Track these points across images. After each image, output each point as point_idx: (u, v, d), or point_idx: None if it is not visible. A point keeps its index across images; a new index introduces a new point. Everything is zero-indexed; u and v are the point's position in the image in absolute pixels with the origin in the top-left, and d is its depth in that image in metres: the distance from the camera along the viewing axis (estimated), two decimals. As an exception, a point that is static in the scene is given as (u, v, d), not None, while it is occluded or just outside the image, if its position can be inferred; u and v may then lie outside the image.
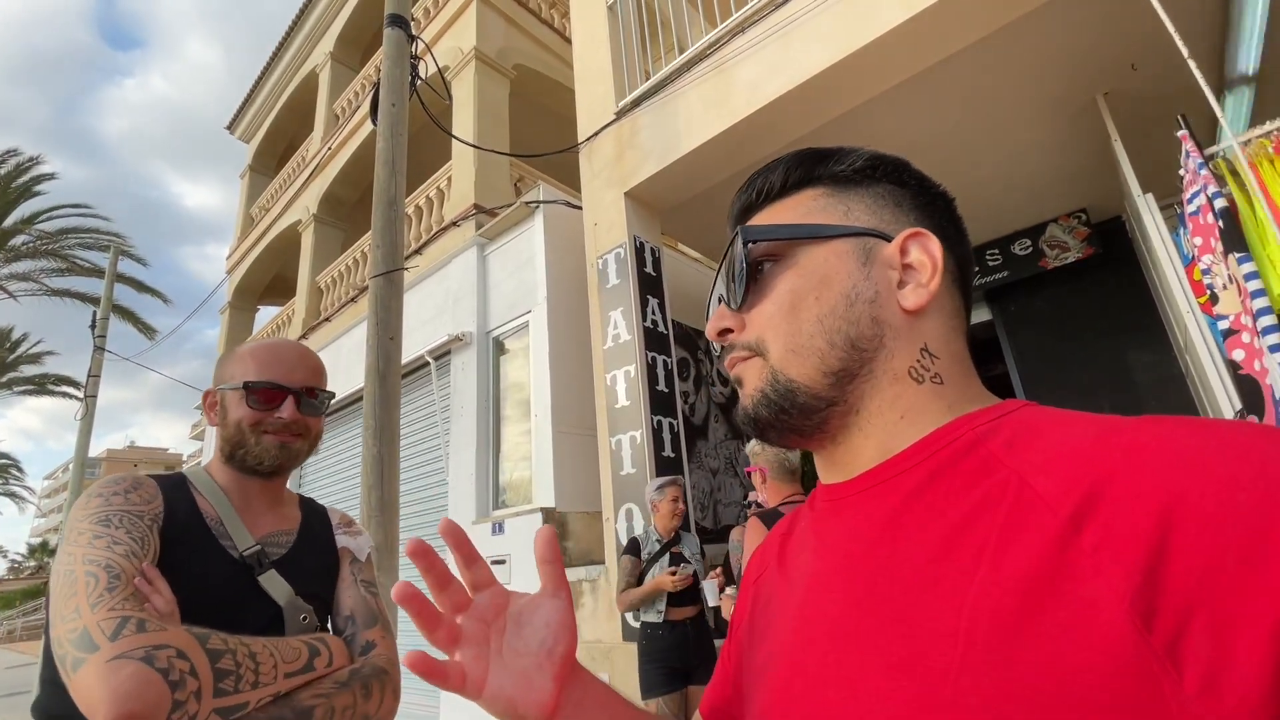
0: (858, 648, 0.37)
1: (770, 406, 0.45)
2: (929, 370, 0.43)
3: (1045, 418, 0.38)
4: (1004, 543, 0.33)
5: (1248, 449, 0.29)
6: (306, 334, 7.67)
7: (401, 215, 3.19)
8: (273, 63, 10.30)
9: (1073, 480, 0.32)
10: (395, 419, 2.91)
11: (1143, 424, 0.33)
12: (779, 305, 0.45)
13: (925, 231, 0.45)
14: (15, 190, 12.25)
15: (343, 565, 1.00)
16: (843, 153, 0.49)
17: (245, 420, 0.92)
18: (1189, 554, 0.27)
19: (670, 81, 3.74)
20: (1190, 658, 0.26)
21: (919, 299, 0.43)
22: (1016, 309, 4.94)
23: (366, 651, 0.89)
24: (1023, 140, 3.79)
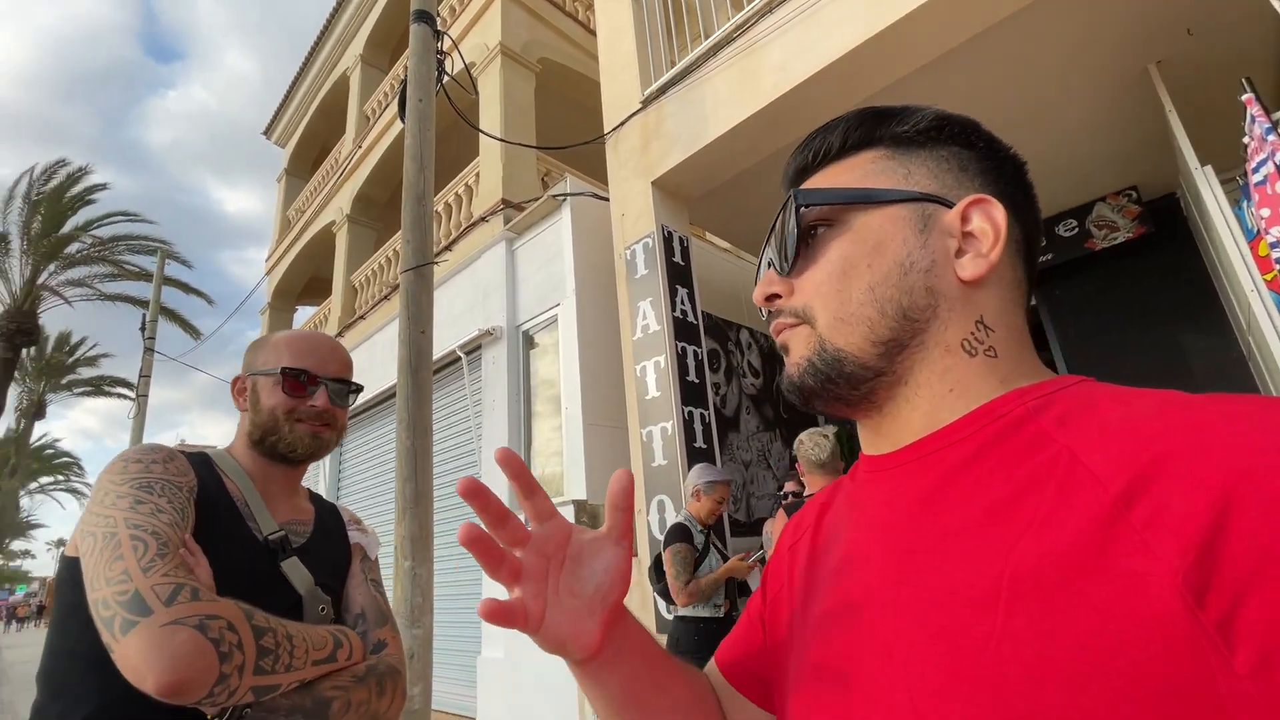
0: (896, 616, 0.37)
1: (817, 375, 0.43)
2: (983, 343, 0.41)
3: (1103, 393, 0.37)
4: (1049, 516, 0.32)
5: None
6: (342, 332, 7.84)
7: (430, 210, 3.21)
8: (305, 68, 10.54)
9: (1128, 457, 0.31)
10: (428, 412, 2.94)
11: (1209, 401, 0.32)
12: (829, 272, 0.44)
13: (989, 198, 0.43)
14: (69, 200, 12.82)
15: (354, 561, 0.99)
16: (907, 112, 0.47)
17: (280, 407, 0.91)
18: (1251, 533, 0.26)
19: (696, 67, 3.67)
20: (1244, 637, 0.25)
21: (977, 269, 0.41)
22: (1062, 293, 4.74)
23: (379, 650, 0.88)
24: (1068, 116, 3.62)
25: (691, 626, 2.62)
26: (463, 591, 5.06)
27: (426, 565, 2.68)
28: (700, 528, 2.72)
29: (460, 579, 5.13)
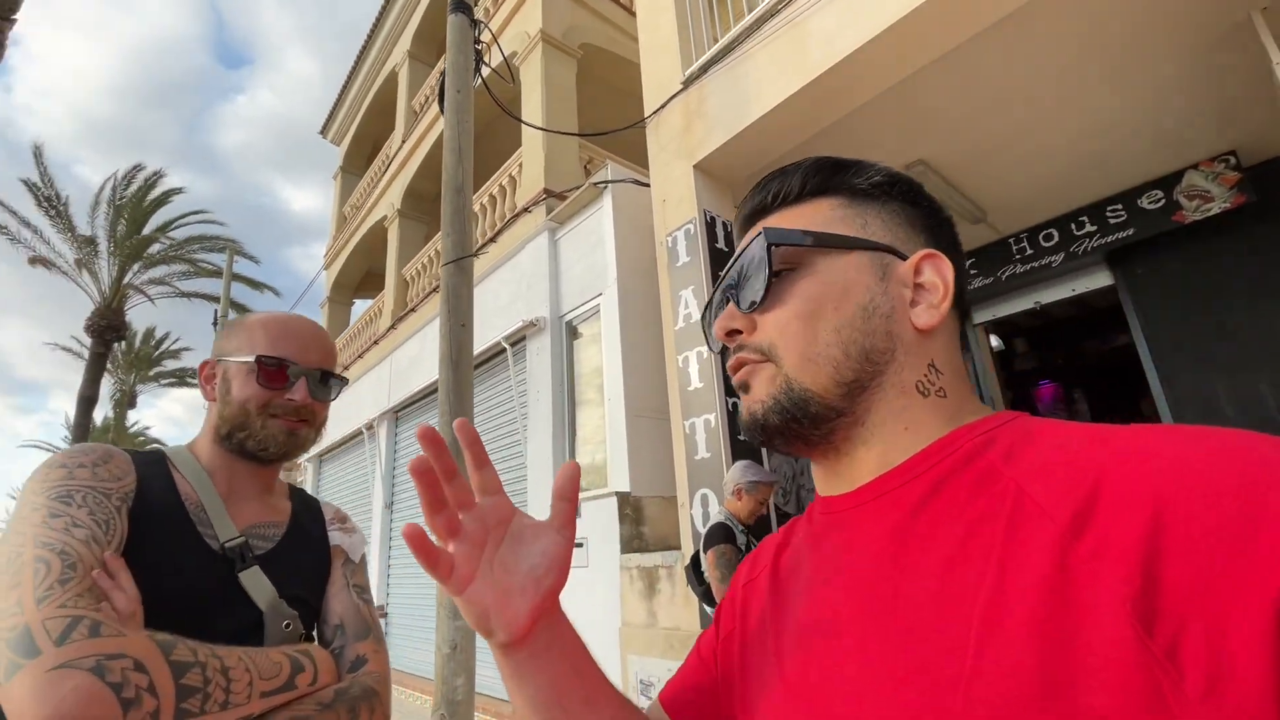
0: (863, 657, 0.37)
1: (782, 414, 0.44)
2: (934, 385, 0.44)
3: (1040, 427, 0.39)
4: (1008, 552, 0.33)
5: (1233, 455, 0.30)
6: (395, 324, 8.05)
7: (469, 202, 3.20)
8: (357, 66, 10.81)
9: (1068, 487, 0.33)
10: (469, 405, 2.94)
11: (1134, 431, 0.34)
12: (796, 312, 0.45)
13: (939, 254, 0.46)
14: (149, 204, 13.66)
15: (334, 566, 0.89)
16: (861, 165, 0.49)
17: (253, 400, 0.82)
18: (1182, 559, 0.28)
19: (738, 43, 3.51)
20: (1190, 661, 0.26)
21: (931, 319, 0.44)
22: (1145, 271, 4.34)
23: (356, 668, 0.79)
24: (1155, 73, 3.27)
25: None
26: (511, 579, 5.12)
27: (468, 558, 2.69)
28: (741, 527, 2.62)
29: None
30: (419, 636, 6.56)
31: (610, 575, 3.89)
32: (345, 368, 9.63)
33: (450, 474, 0.43)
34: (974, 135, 3.71)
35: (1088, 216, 4.49)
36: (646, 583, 3.63)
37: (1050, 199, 4.47)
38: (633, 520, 3.95)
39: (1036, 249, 4.76)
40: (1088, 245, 4.48)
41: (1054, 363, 6.94)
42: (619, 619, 3.77)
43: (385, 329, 8.32)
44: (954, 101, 3.40)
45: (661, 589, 3.54)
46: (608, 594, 3.88)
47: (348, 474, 9.27)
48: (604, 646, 3.83)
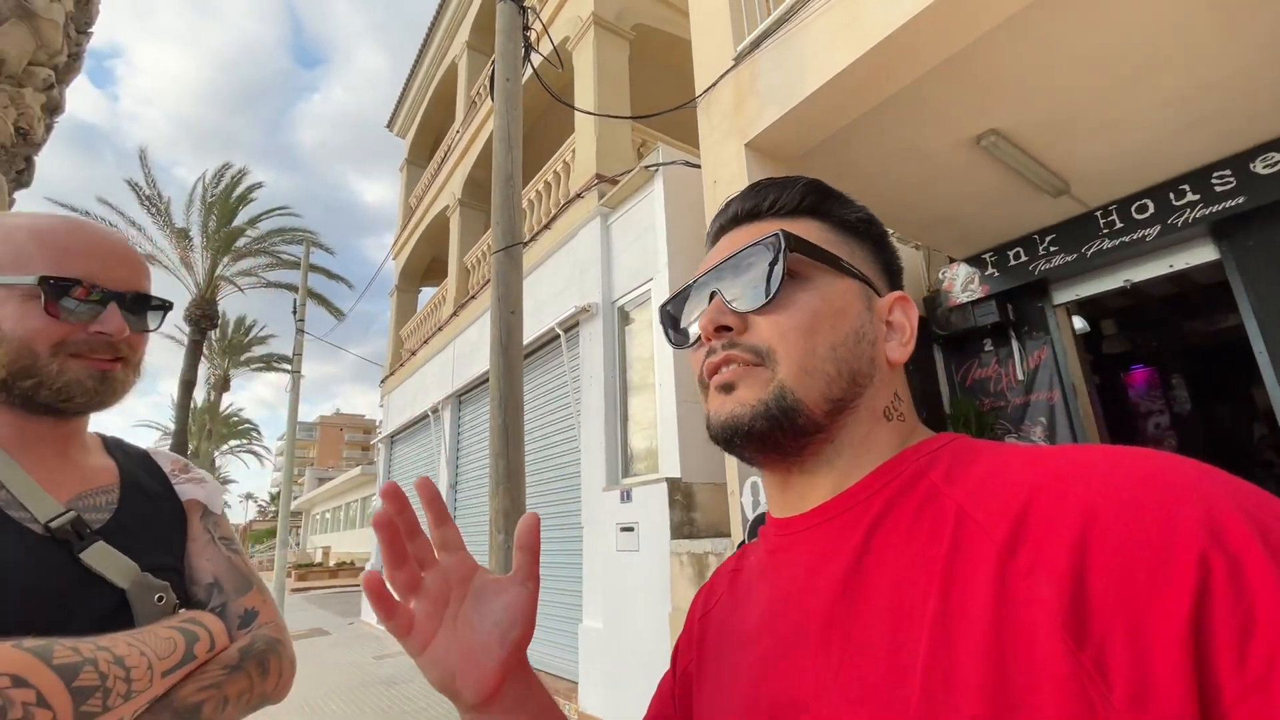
0: (817, 682, 0.37)
1: (770, 421, 0.43)
2: (897, 411, 0.47)
3: (977, 448, 0.41)
4: (951, 571, 0.34)
5: (1156, 475, 0.31)
6: (457, 311, 8.31)
7: (519, 190, 3.23)
8: (419, 60, 11.12)
9: (1003, 505, 0.35)
10: (519, 391, 2.99)
11: (1063, 452, 0.36)
12: (798, 322, 0.45)
13: (909, 299, 0.49)
14: (236, 200, 14.65)
15: (192, 521, 0.76)
16: (846, 198, 0.51)
17: (41, 336, 0.63)
18: (1106, 572, 0.29)
19: (792, 14, 3.35)
20: (1116, 672, 0.28)
21: (902, 355, 0.47)
22: (1257, 244, 3.89)
23: (247, 622, 0.71)
24: (1275, 15, 2.88)
25: None
26: (565, 560, 5.24)
27: (518, 540, 2.75)
28: None
29: (562, 548, 5.32)
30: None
31: (660, 560, 3.90)
32: (413, 352, 10.05)
33: (412, 530, 0.43)
34: (1055, 100, 3.40)
35: (1189, 185, 4.06)
36: (696, 569, 3.61)
37: (1145, 167, 4.06)
38: (683, 506, 3.93)
39: (1128, 222, 4.35)
40: (1189, 216, 4.06)
41: (1147, 346, 6.39)
42: (669, 604, 3.78)
43: (448, 316, 8.60)
44: (1031, 65, 3.13)
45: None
46: (658, 579, 3.90)
47: (417, 455, 9.71)
48: (654, 631, 3.86)
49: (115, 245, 0.70)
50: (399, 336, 11.21)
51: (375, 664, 7.23)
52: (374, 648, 8.33)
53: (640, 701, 3.70)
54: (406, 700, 5.52)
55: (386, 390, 11.39)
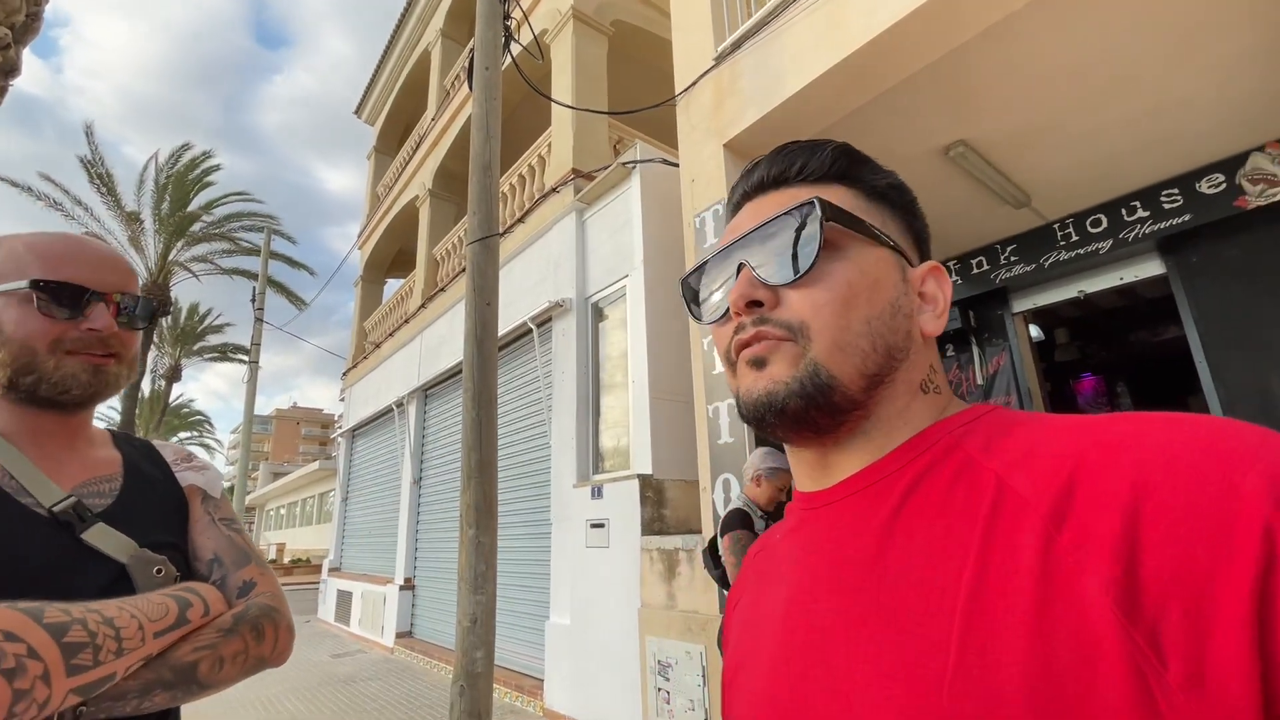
0: (848, 656, 0.37)
1: (805, 399, 0.42)
2: (933, 383, 0.45)
3: (1016, 417, 0.40)
4: (989, 543, 0.33)
5: (1213, 443, 0.30)
6: (425, 303, 8.16)
7: (496, 181, 3.19)
8: (390, 45, 10.87)
9: (1048, 476, 0.33)
10: (492, 383, 2.96)
11: (1113, 420, 0.34)
12: (834, 295, 0.43)
13: (942, 268, 0.47)
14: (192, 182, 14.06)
15: (193, 505, 0.83)
16: (875, 164, 0.49)
17: (38, 335, 0.70)
18: (1161, 545, 0.28)
19: (773, 17, 3.40)
20: (1172, 649, 0.26)
21: (937, 327, 0.46)
22: (1200, 259, 4.11)
23: (246, 592, 0.76)
24: (1225, 49, 3.06)
25: None
26: (533, 557, 5.20)
27: (490, 534, 2.72)
28: (761, 513, 2.59)
29: (530, 545, 5.27)
30: (443, 609, 6.72)
31: (631, 556, 3.90)
32: (377, 345, 9.83)
33: None
34: (1019, 115, 3.54)
35: (1140, 201, 4.27)
36: (666, 565, 3.63)
37: (1100, 183, 4.25)
38: (654, 503, 3.94)
39: (1083, 235, 4.55)
40: (1139, 231, 4.26)
41: (1096, 355, 6.68)
42: (638, 600, 3.79)
43: (416, 308, 8.43)
44: (998, 79, 3.24)
45: (681, 572, 3.54)
46: (628, 575, 3.90)
47: (379, 450, 9.50)
48: (623, 627, 3.86)
49: (104, 252, 0.77)
50: (363, 328, 10.95)
51: (333, 662, 7.04)
52: (332, 645, 8.12)
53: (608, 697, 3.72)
54: (365, 698, 5.39)
55: (348, 383, 11.11)
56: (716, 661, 2.73)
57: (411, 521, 7.70)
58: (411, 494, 7.75)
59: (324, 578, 10.61)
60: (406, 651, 6.97)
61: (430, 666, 6.37)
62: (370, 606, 8.26)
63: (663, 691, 3.46)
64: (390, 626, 7.49)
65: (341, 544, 10.52)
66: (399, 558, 7.74)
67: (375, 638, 7.89)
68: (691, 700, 3.28)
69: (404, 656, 7.01)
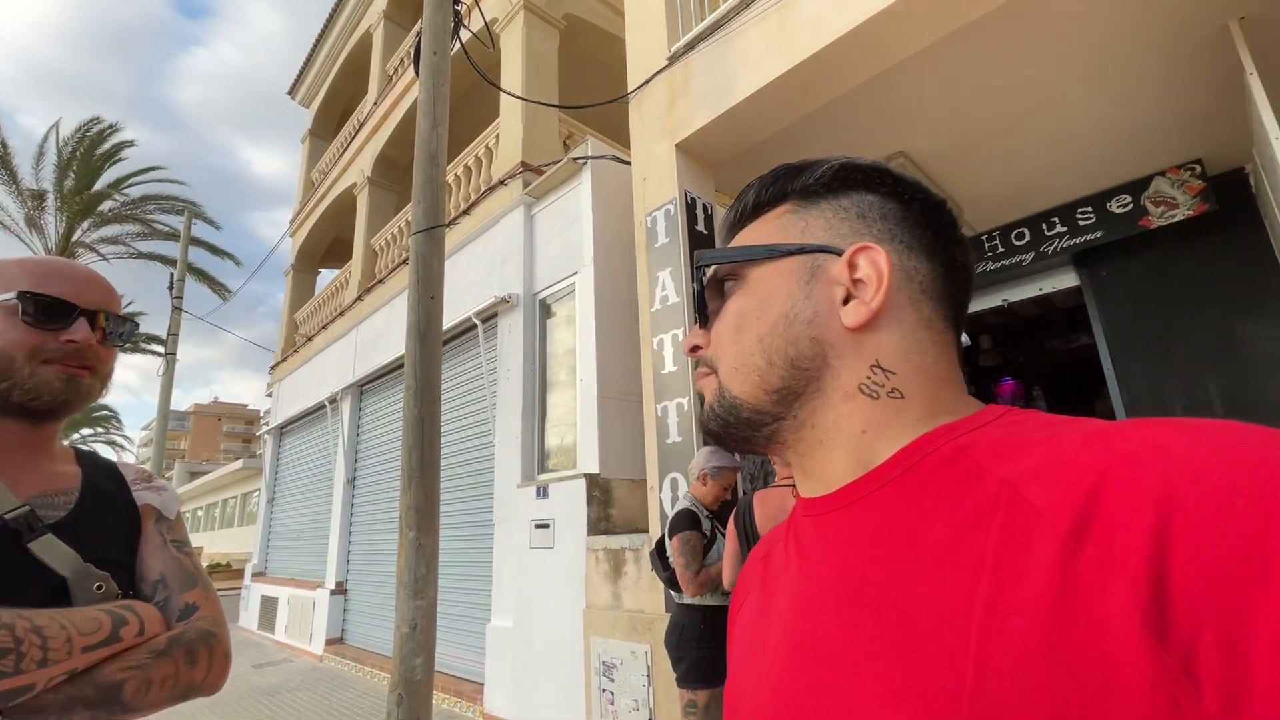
0: (857, 673, 0.36)
1: (718, 421, 0.47)
2: (884, 386, 0.42)
3: (1030, 423, 0.38)
4: (1004, 559, 0.32)
5: (1242, 452, 0.28)
6: (362, 296, 7.83)
7: (443, 170, 3.08)
8: (329, 25, 10.37)
9: (1067, 489, 0.31)
10: (436, 380, 2.86)
11: (1133, 427, 0.32)
12: (727, 325, 0.47)
13: (872, 245, 0.43)
14: (101, 157, 12.96)
15: (146, 525, 0.83)
16: (813, 165, 0.48)
17: (19, 344, 0.72)
18: (1192, 565, 0.26)
19: (727, 20, 3.44)
20: (1207, 674, 0.25)
21: (859, 316, 0.42)
22: (1109, 274, 4.45)
23: (187, 615, 0.76)
24: (1132, 78, 3.31)
25: (698, 614, 2.50)
26: (474, 559, 5.07)
27: (431, 536, 2.63)
28: (706, 512, 2.61)
29: (471, 546, 5.15)
30: (378, 614, 6.47)
31: (576, 557, 3.87)
32: (309, 338, 9.36)
33: None
34: (954, 130, 3.72)
35: (1059, 217, 4.58)
36: (612, 565, 3.62)
37: (1024, 198, 4.53)
38: (601, 502, 3.92)
39: (1008, 247, 4.84)
40: (1057, 245, 4.57)
41: (1016, 360, 7.12)
42: (583, 600, 3.75)
43: (352, 300, 8.07)
44: (937, 95, 3.40)
45: (627, 571, 3.53)
46: (573, 575, 3.86)
47: (310, 448, 9.05)
48: (567, 628, 3.82)
49: (89, 273, 0.81)
50: (294, 320, 10.39)
51: (255, 673, 6.65)
52: (253, 655, 7.67)
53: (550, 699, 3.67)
54: (290, 710, 5.12)
55: (277, 378, 10.52)
56: (663, 661, 2.74)
57: (345, 523, 7.37)
58: (345, 494, 7.42)
59: (246, 583, 10.02)
60: (337, 659, 6.67)
61: (363, 674, 6.12)
62: (298, 612, 7.86)
63: (607, 692, 3.45)
64: (320, 633, 7.15)
65: (267, 547, 9.96)
66: (330, 561, 7.39)
67: (303, 645, 7.51)
68: (636, 700, 3.28)
69: (334, 664, 6.70)
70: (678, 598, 2.60)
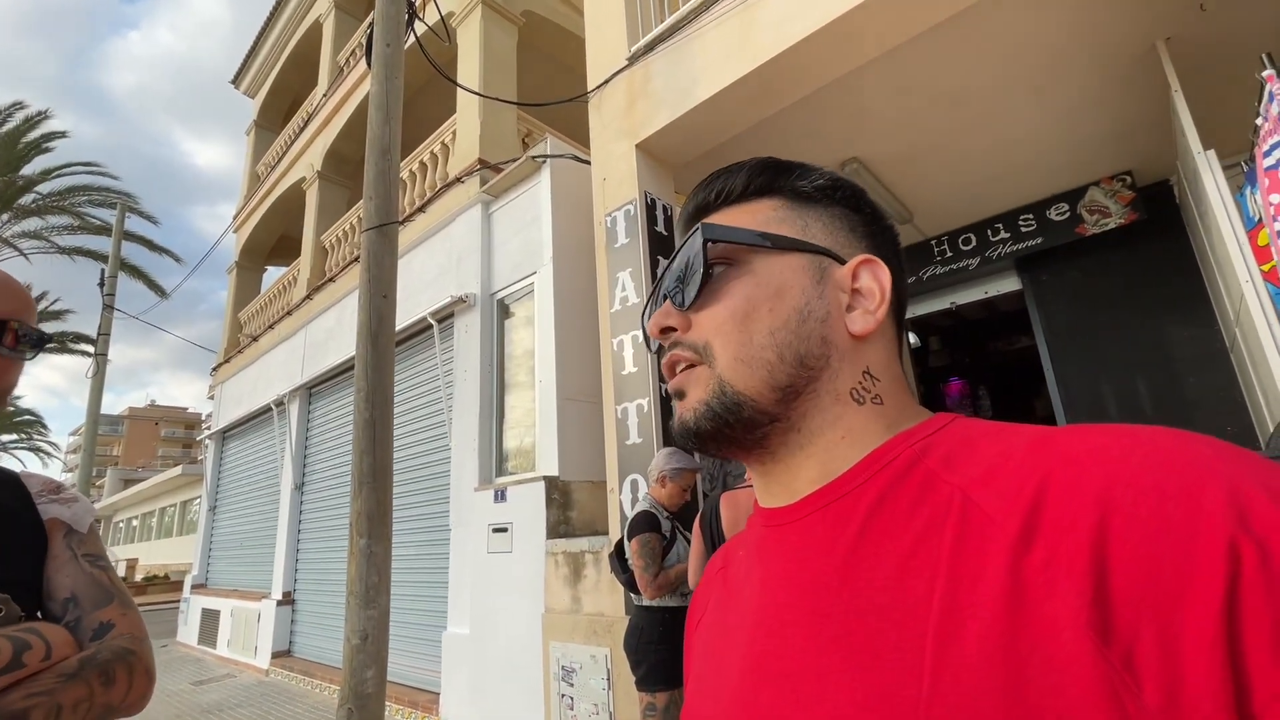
0: (818, 685, 0.35)
1: (714, 419, 0.43)
2: (870, 392, 0.43)
3: (978, 431, 0.39)
4: (958, 564, 0.32)
5: (1170, 457, 0.30)
6: (311, 294, 7.54)
7: (396, 165, 2.99)
8: (276, 13, 9.97)
9: (1014, 493, 0.32)
10: (389, 382, 2.77)
11: (1073, 432, 0.34)
12: (731, 311, 0.44)
13: (877, 259, 0.45)
14: (26, 146, 12.12)
15: (53, 540, 0.79)
16: (805, 168, 0.48)
17: None
18: (1128, 564, 0.27)
19: (687, 23, 3.45)
20: (1146, 670, 0.26)
21: (866, 325, 0.43)
22: (1049, 278, 4.66)
23: (102, 634, 0.72)
24: (1069, 92, 3.48)
25: (657, 616, 2.49)
26: (429, 565, 4.94)
27: (383, 543, 2.54)
28: (666, 514, 2.61)
29: (426, 553, 5.01)
30: (327, 624, 6.24)
31: (535, 561, 3.81)
32: (254, 338, 8.97)
33: None
34: (905, 138, 3.83)
35: (1003, 224, 4.77)
36: (572, 568, 3.58)
37: (971, 205, 4.70)
38: (560, 505, 3.88)
39: (956, 252, 5.01)
40: (1001, 251, 4.76)
41: (963, 360, 7.39)
42: (542, 605, 3.70)
43: (300, 299, 7.77)
44: (889, 104, 3.50)
45: (587, 575, 3.50)
46: (532, 580, 3.80)
47: (254, 453, 8.67)
48: (525, 634, 3.76)
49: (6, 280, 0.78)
50: (238, 320, 9.94)
51: (195, 690, 6.32)
52: (194, 671, 7.29)
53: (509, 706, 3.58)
54: (234, 729, 4.89)
55: (219, 380, 10.04)
56: (622, 664, 2.72)
57: (292, 531, 7.08)
58: (292, 501, 7.13)
59: (186, 595, 9.52)
60: (284, 673, 6.40)
61: (311, 688, 5.88)
62: (242, 625, 7.51)
63: (566, 698, 3.41)
64: (265, 646, 6.85)
65: (208, 557, 9.49)
66: (277, 570, 7.09)
67: (247, 659, 7.18)
68: (596, 705, 3.25)
69: (281, 678, 6.43)
70: (637, 600, 2.58)
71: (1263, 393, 2.98)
